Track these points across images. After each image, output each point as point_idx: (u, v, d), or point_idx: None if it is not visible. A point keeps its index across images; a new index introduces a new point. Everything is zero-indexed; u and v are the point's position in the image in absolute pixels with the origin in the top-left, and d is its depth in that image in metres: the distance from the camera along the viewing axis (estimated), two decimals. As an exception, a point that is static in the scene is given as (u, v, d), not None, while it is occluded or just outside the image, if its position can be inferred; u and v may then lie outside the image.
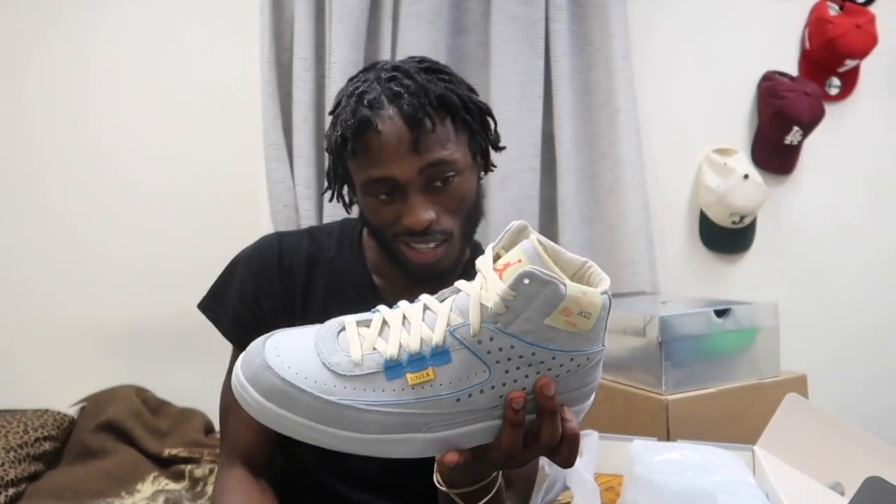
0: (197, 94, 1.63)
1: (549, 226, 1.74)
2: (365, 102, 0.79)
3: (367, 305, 0.88)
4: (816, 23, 2.03)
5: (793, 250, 2.07)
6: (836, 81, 2.09)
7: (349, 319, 0.58)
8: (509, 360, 0.53)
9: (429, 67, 0.84)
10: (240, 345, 0.89)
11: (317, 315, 0.89)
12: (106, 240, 1.57)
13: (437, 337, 0.53)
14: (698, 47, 1.96)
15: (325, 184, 0.91)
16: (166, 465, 1.38)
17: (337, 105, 0.85)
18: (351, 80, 0.86)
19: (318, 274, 0.90)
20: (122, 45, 1.59)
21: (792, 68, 2.05)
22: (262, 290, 0.89)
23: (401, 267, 0.86)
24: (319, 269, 0.91)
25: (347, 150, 0.80)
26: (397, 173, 0.78)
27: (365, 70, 0.86)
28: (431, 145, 0.78)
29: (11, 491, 1.22)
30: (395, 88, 0.79)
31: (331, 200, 0.92)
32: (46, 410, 1.42)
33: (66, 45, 1.55)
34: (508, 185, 1.63)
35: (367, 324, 0.57)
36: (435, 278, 0.84)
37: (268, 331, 0.87)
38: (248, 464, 0.88)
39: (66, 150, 1.55)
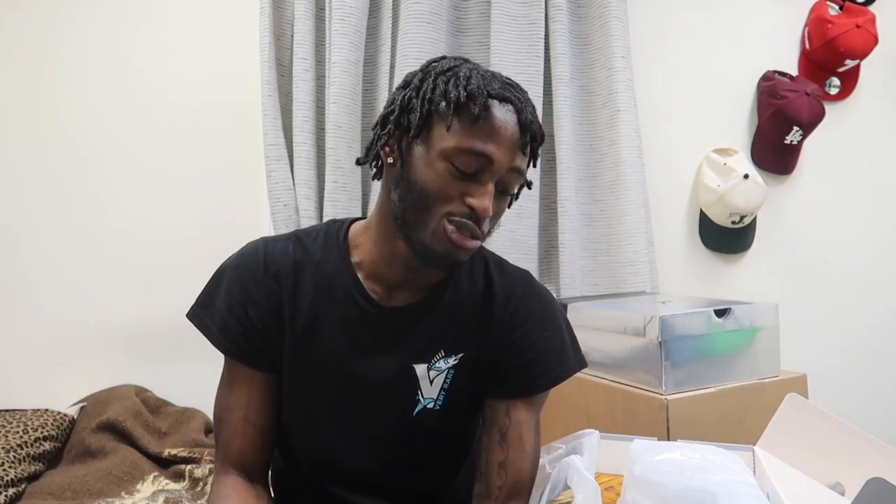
0: (197, 94, 1.63)
1: (548, 226, 1.74)
2: (495, 86, 0.81)
3: (356, 307, 0.89)
4: (816, 23, 2.03)
5: (793, 250, 2.07)
6: (836, 81, 2.09)
7: None
8: None
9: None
10: (228, 353, 0.89)
11: (305, 318, 0.89)
12: (106, 240, 1.57)
13: None
14: (698, 47, 1.96)
15: (375, 137, 0.87)
16: (166, 465, 1.38)
17: (426, 74, 0.84)
18: (429, 66, 0.86)
19: (305, 278, 0.90)
20: (122, 44, 1.59)
21: (792, 68, 2.05)
22: (249, 298, 0.88)
23: (419, 250, 0.84)
24: (306, 273, 0.90)
25: (462, 110, 0.79)
26: (498, 157, 0.80)
27: (446, 63, 0.86)
28: (524, 156, 0.85)
29: (11, 491, 1.22)
30: (509, 94, 0.82)
31: (373, 151, 0.88)
32: (46, 410, 1.42)
33: (65, 45, 1.55)
34: (508, 185, 1.63)
35: None
36: (447, 267, 0.87)
37: (256, 338, 0.88)
38: (244, 470, 0.88)
39: (65, 150, 1.55)
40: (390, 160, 0.85)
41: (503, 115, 0.80)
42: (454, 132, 0.79)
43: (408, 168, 0.83)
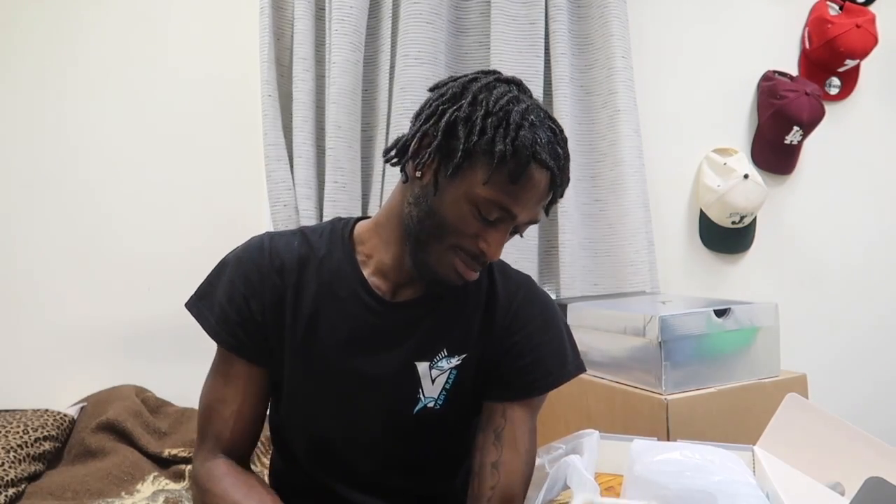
0: (197, 93, 1.63)
1: (548, 226, 1.74)
2: (540, 142, 0.80)
3: (359, 303, 0.90)
4: (816, 23, 2.03)
5: (793, 250, 2.07)
6: (836, 81, 2.09)
7: None
8: None
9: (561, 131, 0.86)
10: (224, 344, 0.89)
11: (307, 314, 0.89)
12: (106, 240, 1.57)
13: None
14: (698, 47, 1.96)
15: (412, 146, 0.85)
16: (166, 465, 1.38)
17: (476, 100, 0.81)
18: (481, 90, 0.82)
19: (309, 273, 0.90)
20: (121, 44, 1.59)
21: (792, 68, 2.05)
22: (252, 291, 0.88)
23: (420, 267, 0.86)
24: (310, 268, 0.90)
25: (504, 164, 0.78)
26: (522, 215, 0.83)
27: (505, 84, 0.84)
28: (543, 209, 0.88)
29: (11, 491, 1.22)
30: (552, 158, 0.81)
31: (404, 153, 0.86)
32: (46, 410, 1.42)
33: (65, 46, 1.55)
34: (508, 185, 1.63)
35: None
36: (442, 288, 0.89)
37: (255, 331, 0.88)
38: (231, 458, 0.89)
39: (66, 150, 1.55)
40: (418, 174, 0.84)
41: (539, 178, 0.81)
42: (491, 183, 0.80)
43: (435, 195, 0.83)
